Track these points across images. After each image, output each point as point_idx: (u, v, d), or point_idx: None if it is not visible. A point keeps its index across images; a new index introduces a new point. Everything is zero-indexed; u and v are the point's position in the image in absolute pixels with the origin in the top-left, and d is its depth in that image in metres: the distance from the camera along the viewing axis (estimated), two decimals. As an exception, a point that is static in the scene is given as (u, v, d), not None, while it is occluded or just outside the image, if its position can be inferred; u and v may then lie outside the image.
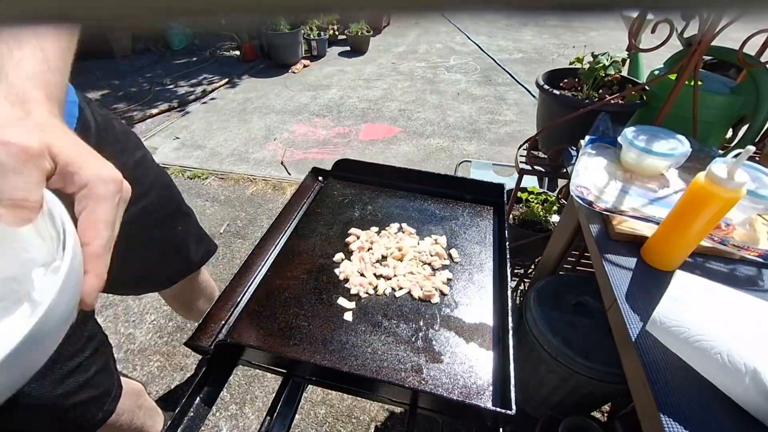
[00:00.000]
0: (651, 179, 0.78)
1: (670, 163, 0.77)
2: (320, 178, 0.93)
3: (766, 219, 0.70)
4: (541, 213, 1.43)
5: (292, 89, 3.64)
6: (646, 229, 0.68)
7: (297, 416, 1.26)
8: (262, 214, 2.13)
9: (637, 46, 0.92)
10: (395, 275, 0.69)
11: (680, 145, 0.77)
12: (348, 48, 4.75)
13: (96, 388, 0.65)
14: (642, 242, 0.68)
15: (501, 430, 0.49)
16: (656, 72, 0.99)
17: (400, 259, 0.72)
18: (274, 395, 0.58)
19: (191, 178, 2.38)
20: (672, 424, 0.46)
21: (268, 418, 0.55)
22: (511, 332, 0.57)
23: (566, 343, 0.88)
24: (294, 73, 4.00)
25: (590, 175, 0.79)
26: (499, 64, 4.29)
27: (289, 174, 2.46)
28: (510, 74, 4.03)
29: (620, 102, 0.96)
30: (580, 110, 0.95)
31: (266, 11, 0.10)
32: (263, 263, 0.71)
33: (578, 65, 1.05)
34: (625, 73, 1.09)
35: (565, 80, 1.09)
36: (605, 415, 1.14)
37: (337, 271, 0.69)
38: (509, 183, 1.33)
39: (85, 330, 0.62)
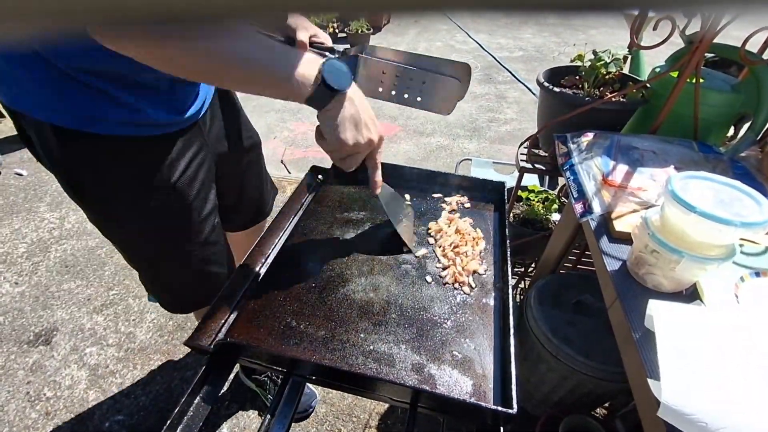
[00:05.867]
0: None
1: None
2: (320, 176, 0.93)
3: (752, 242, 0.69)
4: (542, 211, 1.43)
5: (292, 87, 3.63)
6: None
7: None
8: (262, 213, 2.13)
9: (639, 43, 0.92)
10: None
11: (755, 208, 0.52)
12: (348, 46, 4.74)
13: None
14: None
15: (502, 428, 0.49)
16: (658, 69, 0.98)
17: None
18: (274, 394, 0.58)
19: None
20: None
21: (269, 416, 0.55)
22: (512, 331, 0.57)
23: (566, 341, 0.88)
24: (294, 71, 3.99)
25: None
26: (499, 62, 4.28)
27: (289, 172, 2.46)
28: (510, 72, 4.03)
29: (621, 100, 0.95)
30: (581, 108, 0.94)
31: (267, 11, 0.10)
32: (263, 262, 0.71)
33: (579, 63, 1.04)
34: (626, 70, 1.08)
35: (566, 78, 1.08)
36: (606, 413, 1.14)
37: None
38: (510, 181, 1.32)
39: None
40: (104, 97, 0.59)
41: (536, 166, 1.13)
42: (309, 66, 0.52)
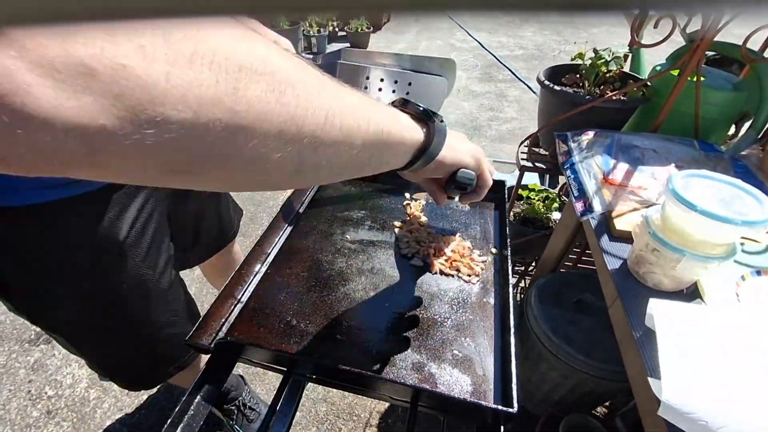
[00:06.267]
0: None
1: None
2: (320, 175, 0.93)
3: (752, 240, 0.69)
4: (542, 210, 1.43)
5: (292, 86, 3.63)
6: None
7: (298, 414, 1.27)
8: (262, 212, 2.13)
9: (639, 41, 0.92)
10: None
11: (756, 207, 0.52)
12: (348, 45, 4.74)
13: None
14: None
15: (502, 428, 0.49)
16: (658, 68, 0.98)
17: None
18: (274, 393, 0.58)
19: (192, 176, 2.38)
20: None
21: (269, 415, 0.55)
22: (512, 330, 0.57)
23: (567, 340, 0.88)
24: (294, 70, 3.99)
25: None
26: (499, 61, 4.27)
27: (290, 171, 2.46)
28: (511, 71, 4.02)
29: (622, 98, 0.95)
30: (581, 106, 0.94)
31: (266, 10, 0.10)
32: (263, 261, 0.71)
33: (580, 61, 1.04)
34: (627, 69, 1.08)
35: (567, 76, 1.08)
36: (606, 412, 1.14)
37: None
38: (510, 180, 1.32)
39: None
40: None
41: (537, 164, 1.12)
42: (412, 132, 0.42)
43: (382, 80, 0.71)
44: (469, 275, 0.68)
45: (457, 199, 0.58)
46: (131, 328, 0.68)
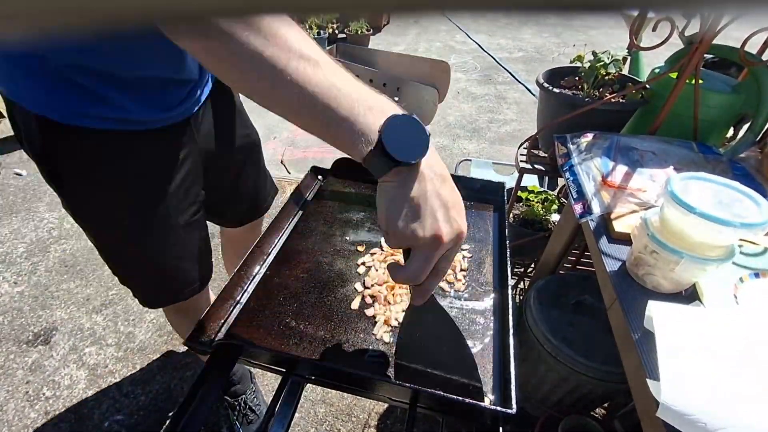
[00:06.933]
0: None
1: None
2: (320, 176, 0.93)
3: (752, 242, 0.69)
4: (542, 212, 1.43)
5: (292, 88, 3.63)
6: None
7: (297, 415, 1.26)
8: (262, 213, 2.13)
9: (638, 44, 0.92)
10: None
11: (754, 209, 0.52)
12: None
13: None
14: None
15: (501, 429, 0.49)
16: (657, 70, 0.99)
17: None
18: (273, 394, 0.58)
19: (191, 177, 2.38)
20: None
21: (267, 416, 0.54)
22: (511, 331, 0.57)
23: (566, 342, 0.88)
24: (294, 71, 3.99)
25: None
26: (499, 63, 4.28)
27: (289, 173, 2.46)
28: (510, 73, 4.03)
29: (621, 101, 0.96)
30: (580, 109, 0.95)
31: (267, 11, 0.10)
32: (263, 262, 0.71)
33: (579, 64, 1.04)
34: (625, 71, 1.08)
35: (566, 79, 1.08)
36: (605, 413, 1.14)
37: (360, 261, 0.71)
38: (509, 182, 1.33)
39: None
40: (90, 95, 0.60)
41: (536, 166, 1.13)
42: (375, 117, 0.40)
43: (371, 81, 0.72)
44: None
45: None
46: (143, 251, 0.76)
